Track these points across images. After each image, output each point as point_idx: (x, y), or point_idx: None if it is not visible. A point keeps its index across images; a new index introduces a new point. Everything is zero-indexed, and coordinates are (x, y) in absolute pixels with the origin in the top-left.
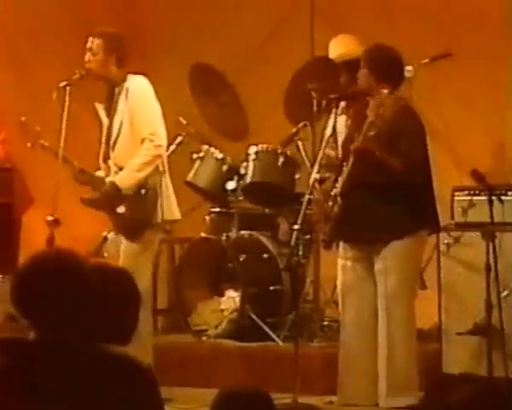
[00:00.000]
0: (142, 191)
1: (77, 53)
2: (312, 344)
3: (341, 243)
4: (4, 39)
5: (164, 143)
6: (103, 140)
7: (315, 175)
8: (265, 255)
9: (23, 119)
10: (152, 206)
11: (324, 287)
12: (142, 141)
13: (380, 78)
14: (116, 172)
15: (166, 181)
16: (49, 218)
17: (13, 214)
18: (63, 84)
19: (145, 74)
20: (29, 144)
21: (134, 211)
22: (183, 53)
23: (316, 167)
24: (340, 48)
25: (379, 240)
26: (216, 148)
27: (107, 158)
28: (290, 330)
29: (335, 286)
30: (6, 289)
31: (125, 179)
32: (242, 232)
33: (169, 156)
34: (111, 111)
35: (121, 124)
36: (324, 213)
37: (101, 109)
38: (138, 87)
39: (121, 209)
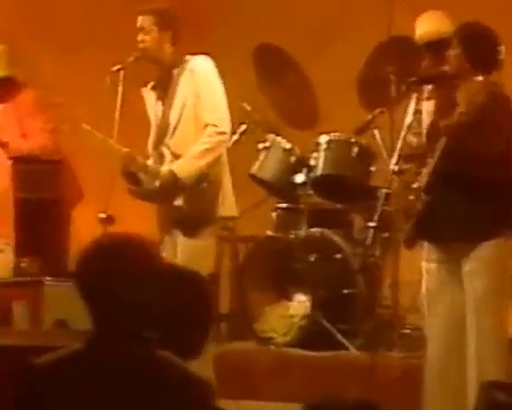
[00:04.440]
0: (204, 184)
1: (130, 34)
2: (391, 354)
3: (425, 244)
4: (52, 23)
5: (228, 130)
6: (155, 126)
7: (393, 167)
8: (338, 255)
9: (61, 99)
10: (212, 199)
11: (404, 291)
12: (205, 127)
13: (474, 60)
14: (172, 161)
15: (226, 174)
16: (102, 215)
17: (61, 211)
18: (117, 67)
19: (207, 54)
20: (65, 128)
21: (193, 204)
22: (246, 32)
23: (394, 158)
24: (425, 26)
25: (467, 241)
26: (283, 137)
27: (159, 145)
28: (366, 338)
29: (416, 290)
30: (56, 293)
31: (184, 167)
32: (312, 230)
33: (232, 146)
34: (167, 95)
35: (183, 108)
36: (405, 209)
37: (149, 93)
38: (204, 68)
39: (178, 202)
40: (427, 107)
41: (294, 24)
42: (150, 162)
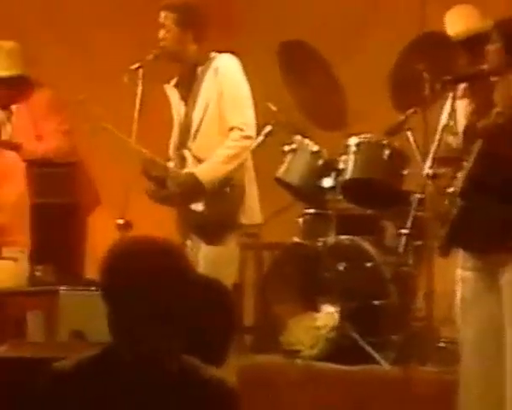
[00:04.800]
0: (227, 189)
1: (150, 31)
2: (425, 369)
3: (460, 251)
4: (68, 20)
5: (254, 133)
6: (177, 126)
7: (427, 170)
8: (368, 264)
9: (81, 97)
10: (236, 205)
11: (439, 302)
12: (231, 130)
13: None
14: (194, 165)
15: (251, 178)
16: (120, 221)
17: (77, 216)
18: (135, 65)
19: (231, 52)
20: (87, 127)
21: (215, 210)
22: (271, 28)
23: (428, 161)
24: (459, 22)
25: (505, 249)
26: (310, 139)
27: (181, 147)
28: (398, 351)
29: (452, 301)
30: (71, 303)
31: (207, 172)
32: (341, 237)
33: (256, 149)
34: (191, 94)
35: (206, 109)
36: (439, 215)
37: (172, 91)
38: (228, 67)
39: (199, 207)
40: (463, 106)
41: (322, 20)
42: (171, 165)
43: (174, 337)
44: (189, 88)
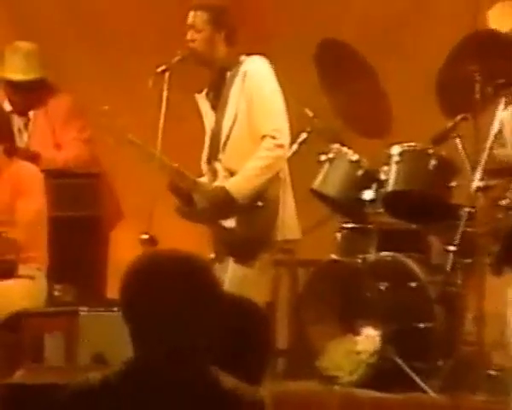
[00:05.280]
0: (260, 203)
1: (177, 34)
2: (475, 398)
3: None
4: (90, 20)
5: (288, 142)
6: (208, 137)
7: (478, 182)
8: (413, 283)
9: (106, 107)
10: (270, 221)
11: (490, 325)
12: (262, 139)
13: None
14: (225, 178)
15: (287, 190)
16: (144, 236)
17: (99, 231)
18: (161, 68)
19: (263, 54)
20: (112, 140)
21: (248, 226)
22: (306, 28)
23: (479, 172)
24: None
25: None
26: (349, 147)
27: (212, 159)
28: (445, 378)
29: (504, 324)
30: (93, 325)
31: (239, 186)
32: (383, 254)
33: (290, 158)
34: (220, 101)
35: (235, 117)
36: (491, 231)
37: (203, 100)
38: (258, 70)
39: (231, 223)
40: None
41: (361, 17)
42: (203, 179)
43: (202, 356)
44: (218, 95)
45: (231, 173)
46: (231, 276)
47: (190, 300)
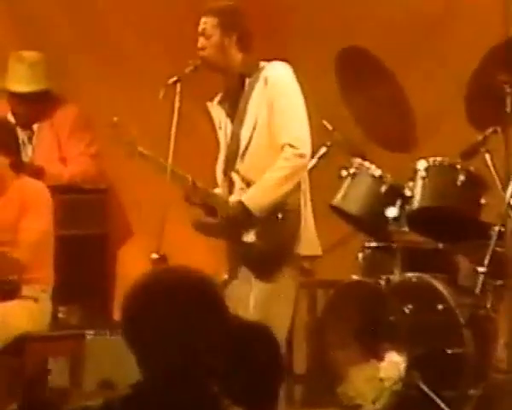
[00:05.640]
0: (280, 215)
1: (189, 43)
2: None
3: None
4: (98, 28)
5: (309, 151)
6: (225, 147)
7: (509, 199)
8: (440, 306)
9: (115, 119)
10: (291, 234)
11: None
12: (282, 148)
13: None
14: (242, 189)
15: (308, 203)
16: (154, 255)
17: (107, 250)
18: (173, 79)
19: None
20: (123, 153)
21: (268, 240)
22: (327, 33)
23: (510, 189)
24: None
25: None
26: (371, 161)
27: (229, 170)
28: (475, 407)
29: None
30: (99, 349)
31: (258, 198)
32: (408, 275)
33: (309, 172)
34: (238, 109)
35: (255, 125)
36: None
37: (217, 109)
38: (280, 77)
39: (250, 237)
40: None
41: (385, 23)
42: (218, 191)
43: (210, 381)
44: (235, 103)
45: (249, 183)
46: (257, 294)
47: (194, 320)
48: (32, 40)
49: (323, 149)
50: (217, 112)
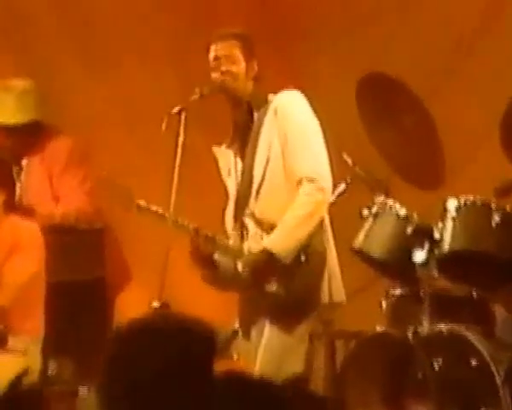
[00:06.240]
0: (303, 257)
1: (194, 68)
2: None
3: None
4: (94, 45)
5: (330, 185)
6: (234, 191)
7: None
8: (474, 361)
9: (104, 173)
10: (315, 279)
11: None
12: (300, 183)
13: None
14: (256, 234)
15: (330, 243)
16: (156, 303)
17: (103, 297)
18: (177, 109)
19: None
20: (117, 206)
21: (289, 287)
22: (348, 59)
23: None
24: None
25: None
26: (396, 200)
27: (240, 215)
28: None
29: None
30: (94, 407)
31: (283, 242)
32: (438, 326)
33: (328, 210)
34: (248, 147)
35: (268, 160)
36: None
37: (224, 152)
38: (291, 105)
39: (273, 287)
40: None
41: (412, 46)
42: (230, 240)
43: None
44: (245, 139)
45: (262, 225)
46: (266, 342)
47: (177, 376)
48: (28, 66)
49: (343, 186)
50: (225, 157)
